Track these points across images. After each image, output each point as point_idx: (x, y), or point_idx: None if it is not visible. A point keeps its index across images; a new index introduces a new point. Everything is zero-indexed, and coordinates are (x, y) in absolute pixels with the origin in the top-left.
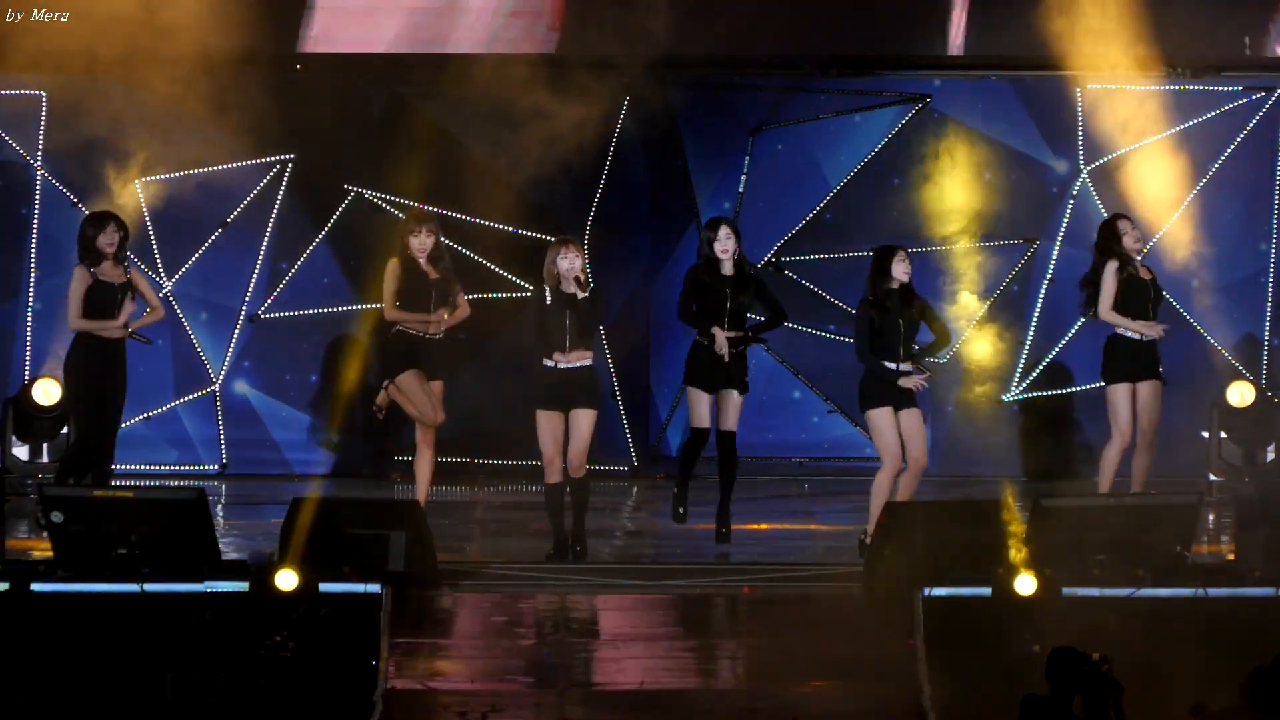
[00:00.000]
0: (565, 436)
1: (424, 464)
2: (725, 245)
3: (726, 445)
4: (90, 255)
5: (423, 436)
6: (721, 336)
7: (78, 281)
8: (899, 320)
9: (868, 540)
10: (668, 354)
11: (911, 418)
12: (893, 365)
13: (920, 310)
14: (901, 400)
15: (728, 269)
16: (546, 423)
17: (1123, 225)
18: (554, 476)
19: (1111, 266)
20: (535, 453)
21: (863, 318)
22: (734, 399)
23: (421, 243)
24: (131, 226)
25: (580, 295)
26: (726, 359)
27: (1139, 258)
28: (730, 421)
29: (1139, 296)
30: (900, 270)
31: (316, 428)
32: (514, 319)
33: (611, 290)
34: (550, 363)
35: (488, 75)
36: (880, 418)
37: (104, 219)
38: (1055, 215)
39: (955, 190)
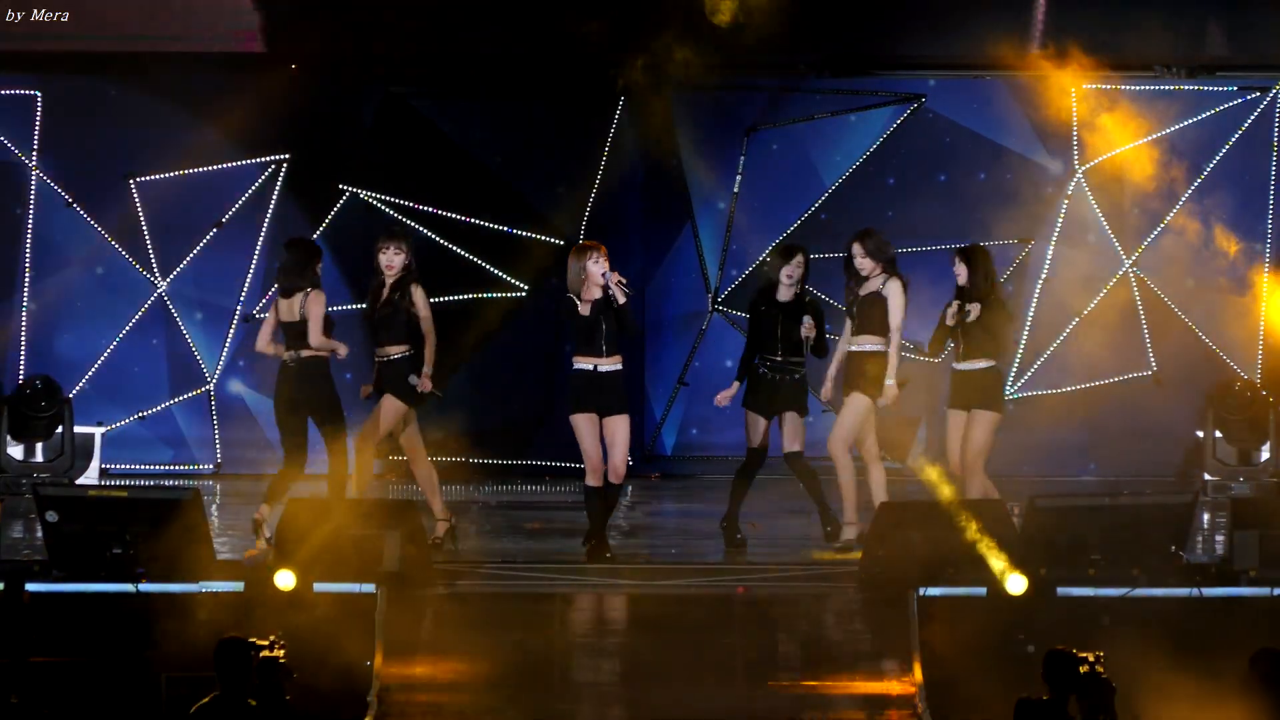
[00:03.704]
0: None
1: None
2: (792, 272)
3: (793, 466)
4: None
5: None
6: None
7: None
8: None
9: None
10: (662, 354)
11: (965, 419)
12: (953, 363)
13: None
14: (958, 399)
15: (784, 295)
16: (587, 425)
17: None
18: (596, 479)
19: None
20: (533, 453)
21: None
22: (793, 420)
23: (389, 260)
24: (126, 226)
25: (617, 300)
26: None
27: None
28: (793, 442)
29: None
30: (959, 271)
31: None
32: (509, 319)
33: None
34: (586, 366)
35: (483, 74)
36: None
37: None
38: (1050, 215)
39: (950, 190)
